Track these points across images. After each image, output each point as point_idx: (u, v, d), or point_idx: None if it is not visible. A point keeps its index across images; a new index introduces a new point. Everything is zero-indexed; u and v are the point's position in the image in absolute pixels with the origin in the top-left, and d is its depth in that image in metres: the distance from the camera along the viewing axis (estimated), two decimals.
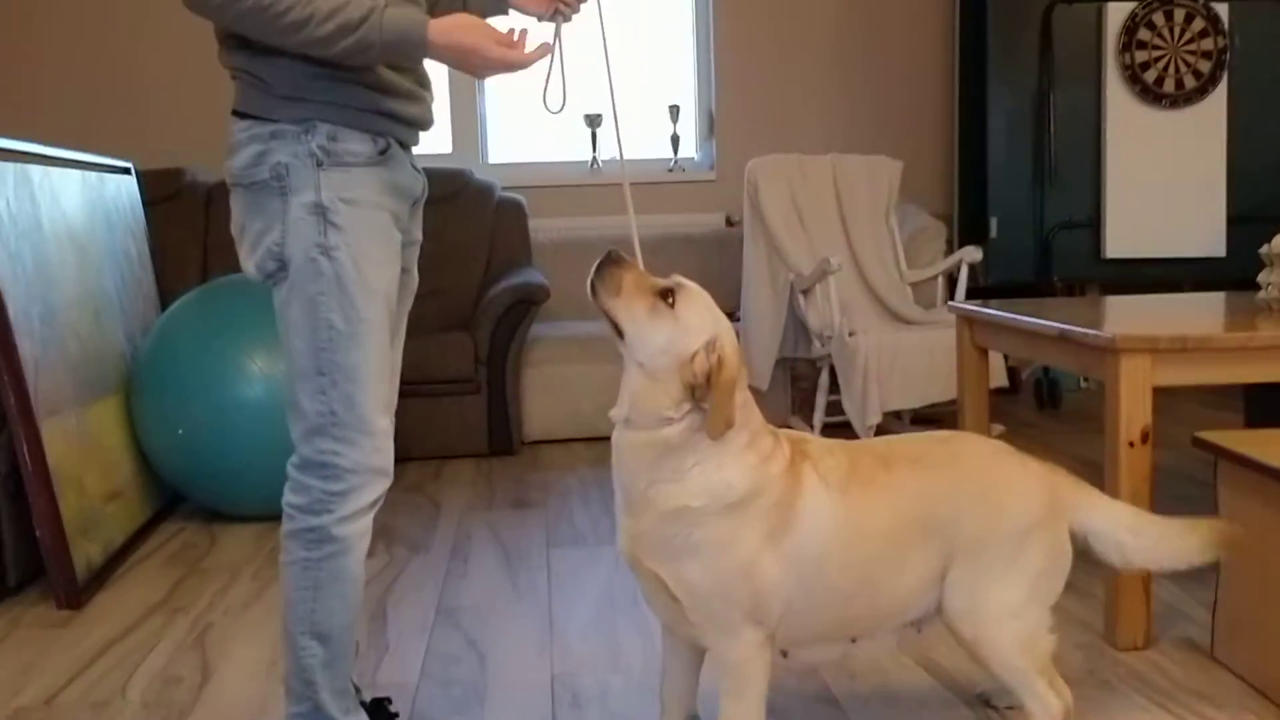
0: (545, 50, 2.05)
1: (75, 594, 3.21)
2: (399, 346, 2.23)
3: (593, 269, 1.93)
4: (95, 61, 5.71)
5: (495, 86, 6.11)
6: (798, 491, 1.92)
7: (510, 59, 1.97)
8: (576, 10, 2.28)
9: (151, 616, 3.13)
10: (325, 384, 1.97)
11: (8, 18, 5.67)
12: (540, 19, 2.27)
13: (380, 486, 2.05)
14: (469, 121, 6.10)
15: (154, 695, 2.61)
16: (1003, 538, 2.01)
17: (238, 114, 1.99)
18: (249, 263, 2.01)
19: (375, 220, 2.00)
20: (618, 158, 2.27)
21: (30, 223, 3.46)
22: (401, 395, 4.68)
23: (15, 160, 3.48)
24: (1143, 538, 2.11)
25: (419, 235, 2.22)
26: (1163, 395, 2.66)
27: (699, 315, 1.90)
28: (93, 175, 4.13)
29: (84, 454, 3.53)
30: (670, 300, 1.90)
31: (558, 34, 2.26)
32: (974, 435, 2.26)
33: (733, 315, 5.46)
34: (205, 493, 3.95)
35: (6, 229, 3.28)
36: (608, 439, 2.01)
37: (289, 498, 2.02)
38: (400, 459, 4.89)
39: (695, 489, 1.88)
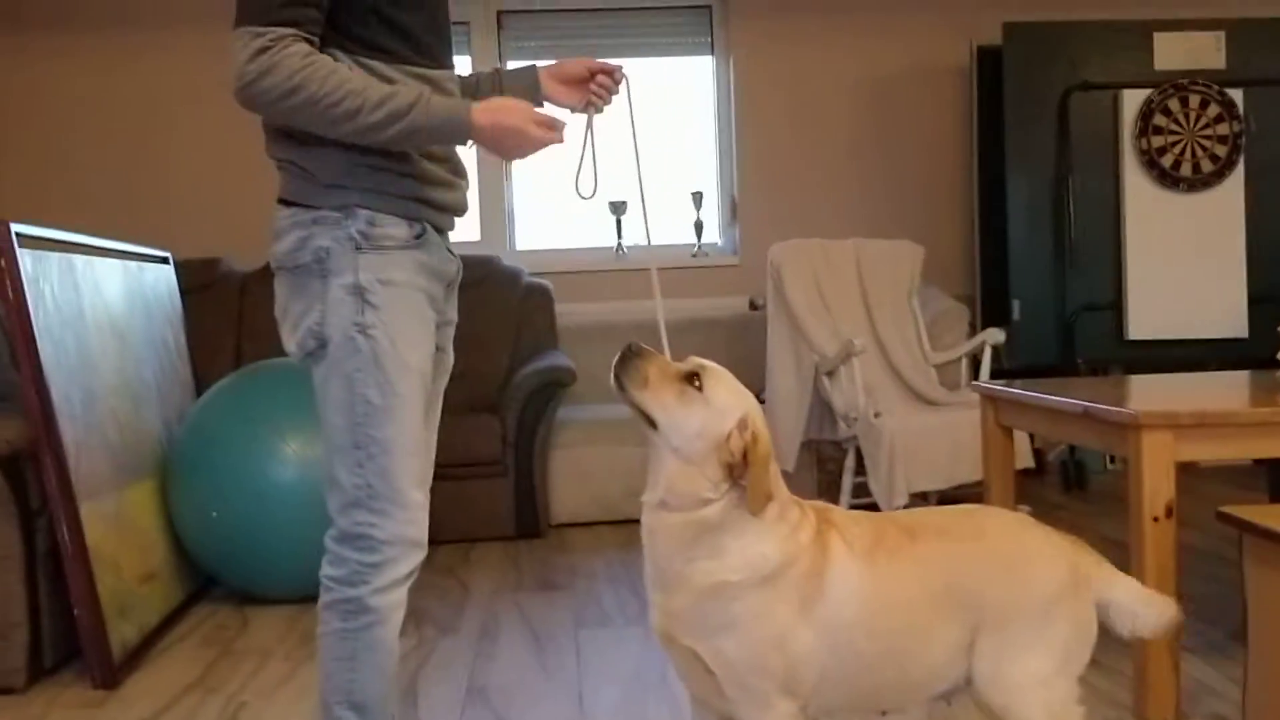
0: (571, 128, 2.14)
1: (111, 674, 3.25)
2: (434, 424, 2.29)
3: (615, 362, 1.97)
4: (136, 155, 5.88)
5: (522, 175, 6.25)
6: (826, 560, 1.95)
7: (549, 140, 2.07)
8: (608, 102, 2.39)
9: (186, 697, 3.17)
10: (362, 457, 2.04)
11: (54, 113, 5.85)
12: (574, 110, 2.38)
13: (415, 558, 2.10)
14: (497, 210, 6.23)
15: None
16: (1029, 608, 2.03)
17: (283, 201, 2.09)
18: (291, 342, 2.09)
19: (411, 300, 2.08)
20: (645, 243, 2.34)
21: (73, 310, 3.56)
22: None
23: (60, 250, 3.58)
24: (1149, 609, 2.13)
25: (454, 316, 2.29)
26: (1188, 476, 2.69)
27: (728, 395, 1.94)
28: (133, 264, 4.24)
29: (121, 536, 3.59)
30: (697, 384, 1.94)
31: (590, 124, 2.36)
32: (998, 509, 2.28)
33: (758, 397, 5.50)
34: (238, 575, 4.00)
35: (51, 316, 3.37)
36: (634, 522, 2.05)
37: (326, 570, 2.07)
38: (428, 541, 4.93)
39: (734, 563, 1.91)
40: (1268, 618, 2.41)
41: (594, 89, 2.36)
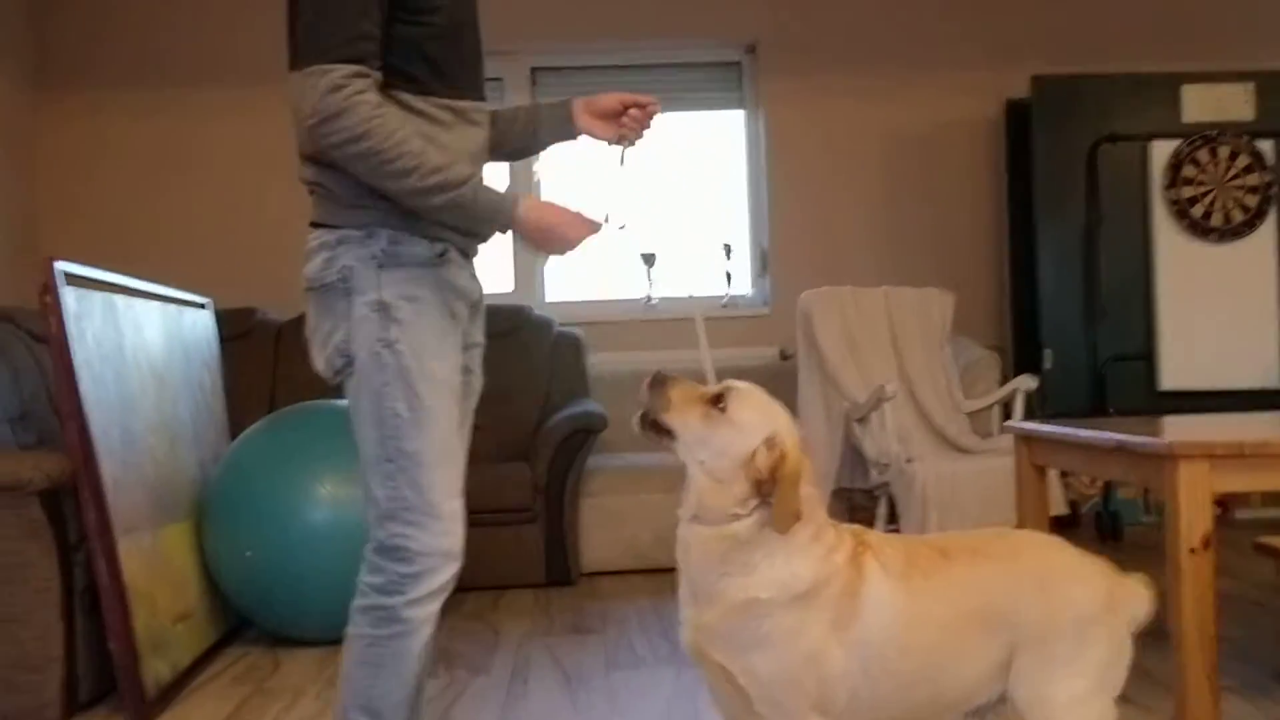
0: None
1: (144, 710, 3.26)
2: (465, 446, 2.31)
3: (643, 390, 1.98)
4: (178, 206, 6.00)
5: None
6: (861, 580, 1.95)
7: (586, 238, 2.15)
8: (640, 135, 2.43)
9: None
10: (393, 470, 2.07)
11: (103, 162, 5.99)
12: (608, 143, 2.42)
13: (450, 569, 2.12)
14: (528, 262, 6.28)
15: None
16: (1065, 627, 2.02)
17: (313, 224, 2.14)
18: (320, 361, 2.14)
19: (434, 315, 2.12)
20: (685, 294, 2.38)
21: (114, 349, 3.61)
22: None
23: (103, 290, 3.65)
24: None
25: (481, 338, 2.33)
26: (1224, 527, 2.66)
27: (753, 413, 1.95)
28: (172, 308, 4.30)
29: (156, 574, 3.61)
30: (722, 405, 1.96)
31: (623, 158, 2.40)
32: (1031, 531, 2.28)
33: None
34: (271, 616, 4.01)
35: (92, 353, 3.42)
36: (666, 570, 2.06)
37: (365, 576, 2.10)
38: (458, 588, 4.94)
39: (765, 581, 1.91)
40: None
41: (626, 122, 2.40)
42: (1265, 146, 5.63)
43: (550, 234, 2.12)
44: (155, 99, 6.02)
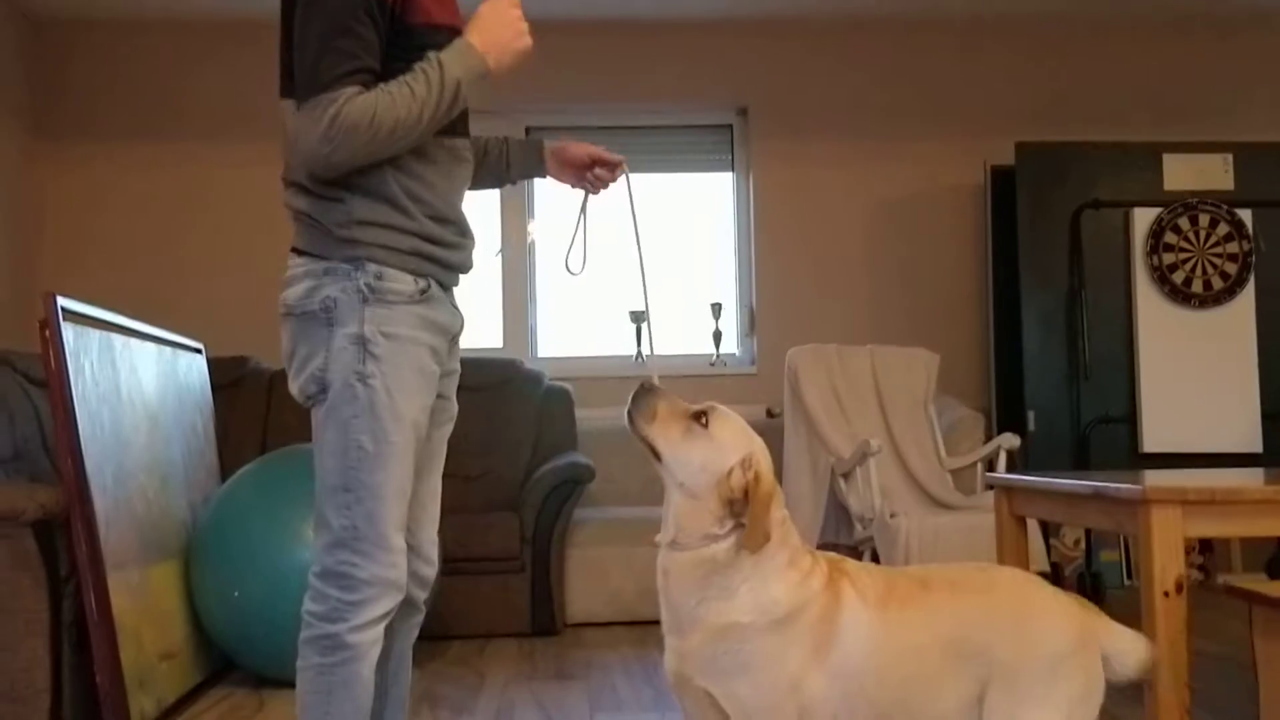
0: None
1: None
2: (438, 469, 2.38)
3: (629, 398, 2.06)
4: (173, 254, 6.10)
5: (545, 289, 6.41)
6: (838, 607, 1.99)
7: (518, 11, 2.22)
8: (605, 186, 2.54)
9: None
10: (350, 500, 2.12)
11: (104, 208, 6.10)
12: (573, 186, 2.54)
13: (393, 600, 2.16)
14: (519, 320, 6.37)
15: None
16: (1038, 663, 2.05)
17: (296, 251, 2.20)
18: (294, 385, 2.19)
19: (411, 353, 2.17)
20: (648, 329, 2.48)
21: (109, 387, 3.67)
22: (446, 573, 4.80)
23: (100, 328, 3.71)
24: (1138, 644, 2.16)
25: (457, 366, 2.39)
26: (1203, 591, 2.71)
27: (732, 434, 2.01)
28: (167, 350, 4.36)
29: (144, 611, 3.64)
30: (704, 422, 2.02)
31: (585, 205, 2.51)
32: (1007, 567, 2.33)
33: None
34: (256, 657, 4.02)
35: (89, 389, 3.48)
36: (650, 623, 2.11)
37: (308, 605, 2.14)
38: (444, 636, 4.99)
39: (744, 605, 1.96)
40: (1277, 685, 2.43)
41: (590, 177, 2.53)
42: (1245, 215, 5.75)
43: (501, 34, 2.17)
44: (155, 151, 6.14)
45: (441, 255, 2.23)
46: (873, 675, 2.00)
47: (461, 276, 2.34)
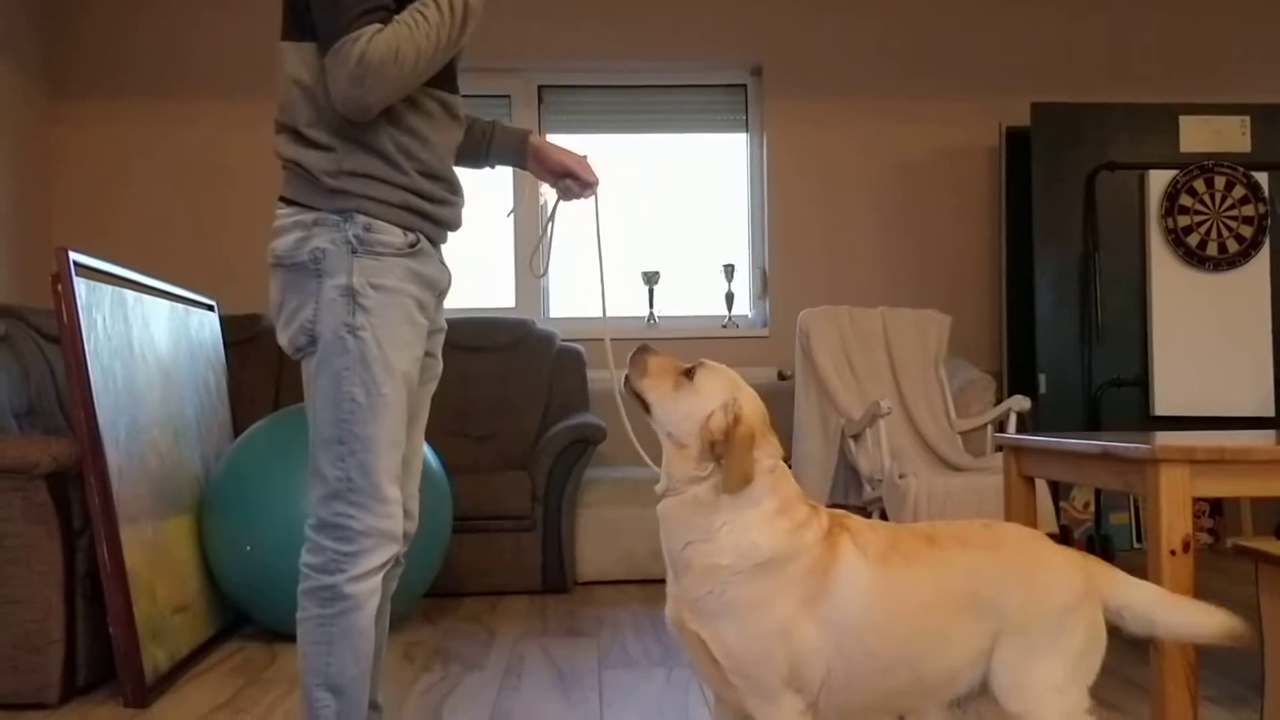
0: None
1: (142, 694, 3.31)
2: (421, 427, 2.40)
3: (628, 360, 2.10)
4: (189, 212, 6.11)
5: (559, 249, 6.39)
6: (834, 560, 2.01)
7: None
8: (576, 198, 2.57)
9: (215, 716, 3.22)
10: (344, 452, 2.14)
11: (121, 165, 6.10)
12: (549, 185, 2.58)
13: (389, 550, 2.19)
14: (531, 281, 6.36)
15: None
16: (1045, 616, 2.07)
17: (285, 200, 2.21)
18: (283, 337, 2.21)
19: (400, 305, 2.18)
20: (602, 314, 2.52)
21: (122, 342, 3.69)
22: (459, 530, 4.81)
23: (113, 283, 3.72)
24: (1174, 613, 2.18)
25: (443, 324, 2.41)
26: (1212, 554, 2.72)
27: (716, 382, 2.06)
28: (180, 307, 4.38)
29: (157, 564, 3.67)
30: (691, 375, 2.06)
31: (554, 209, 2.53)
32: (1013, 524, 2.34)
33: (785, 461, 5.56)
34: (269, 611, 4.06)
35: (102, 344, 3.50)
36: (659, 581, 2.13)
37: (305, 558, 2.18)
38: (456, 593, 5.01)
39: (725, 548, 1.99)
40: None
41: (562, 186, 2.56)
42: (1261, 178, 5.71)
43: None
44: (170, 108, 6.13)
45: (431, 211, 2.24)
46: (872, 629, 2.01)
47: (451, 235, 2.35)
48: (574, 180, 2.53)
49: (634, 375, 2.08)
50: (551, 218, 2.56)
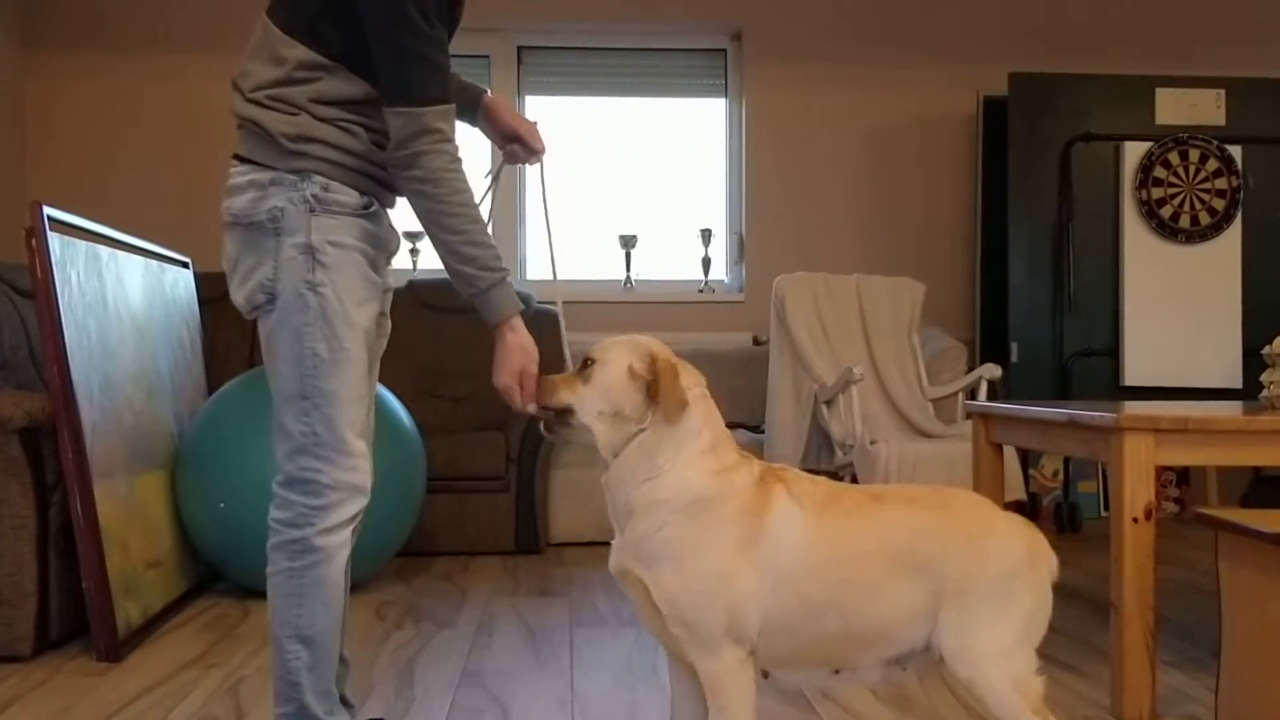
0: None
1: (115, 648, 3.33)
2: (374, 383, 2.41)
3: (535, 407, 2.17)
4: (166, 168, 6.07)
5: (536, 213, 6.39)
6: (767, 505, 2.06)
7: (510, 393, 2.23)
8: (523, 161, 2.59)
9: (187, 670, 3.25)
10: (308, 407, 2.16)
11: (91, 119, 6.06)
12: (497, 147, 2.59)
13: (357, 504, 2.23)
14: (508, 243, 6.36)
15: None
16: (990, 580, 2.10)
17: (239, 158, 2.22)
18: (239, 295, 2.22)
19: (358, 262, 2.21)
20: (552, 279, 2.55)
21: (96, 298, 3.68)
22: (433, 490, 4.82)
23: (87, 239, 3.71)
24: None
25: (391, 283, 2.43)
26: (1178, 524, 2.76)
27: (615, 349, 2.12)
28: (154, 264, 4.36)
29: (130, 520, 3.68)
30: (590, 362, 2.12)
31: (498, 171, 2.54)
32: (963, 489, 2.37)
33: (758, 428, 5.61)
34: (242, 567, 4.07)
35: (75, 300, 3.49)
36: None
37: (274, 514, 2.21)
38: (429, 553, 5.04)
39: (668, 482, 2.05)
40: (1239, 611, 2.49)
41: (509, 149, 2.58)
42: (1235, 152, 5.75)
43: (509, 357, 2.22)
44: (147, 63, 6.08)
45: (385, 178, 2.27)
46: (803, 572, 2.05)
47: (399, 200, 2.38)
48: (520, 145, 2.54)
49: (546, 397, 2.14)
50: (496, 179, 2.58)
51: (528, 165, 2.60)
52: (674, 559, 2.02)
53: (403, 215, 2.34)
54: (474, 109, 2.55)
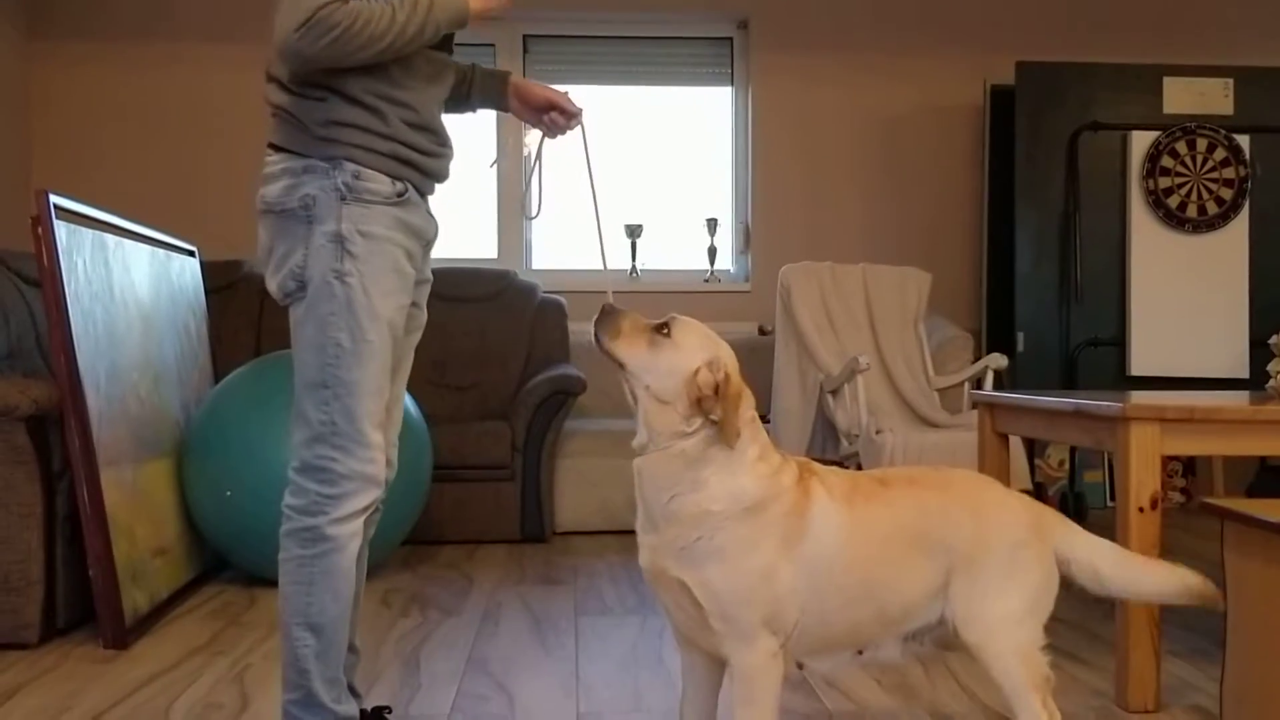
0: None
1: (122, 635, 3.34)
2: (404, 378, 2.43)
3: (594, 321, 2.11)
4: (171, 156, 6.08)
5: (546, 202, 6.37)
6: (808, 502, 2.08)
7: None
8: (562, 131, 2.56)
9: (193, 657, 3.26)
10: (328, 396, 2.16)
11: (97, 109, 6.06)
12: (532, 126, 2.58)
13: (371, 494, 2.23)
14: (514, 232, 6.35)
15: (195, 718, 2.73)
16: (996, 552, 2.14)
17: (274, 147, 2.22)
18: (272, 282, 2.23)
19: (387, 253, 2.20)
20: (603, 268, 2.52)
21: (102, 286, 3.68)
22: (439, 479, 4.83)
23: (94, 227, 3.72)
24: (1125, 569, 2.24)
25: (429, 274, 2.43)
26: (1185, 515, 2.75)
27: (696, 339, 2.08)
28: (160, 252, 4.37)
29: (137, 507, 3.69)
30: (666, 331, 2.07)
31: (540, 146, 2.52)
32: (962, 469, 2.40)
33: (764, 418, 5.60)
34: (248, 555, 4.08)
35: (82, 287, 3.49)
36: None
37: (288, 500, 2.21)
38: (435, 541, 5.05)
39: (716, 495, 2.03)
40: (1245, 601, 2.49)
41: (547, 120, 2.55)
42: (1242, 141, 5.73)
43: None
44: (152, 52, 6.08)
45: (419, 161, 2.26)
46: (841, 564, 2.09)
47: (439, 186, 2.37)
48: (558, 113, 2.53)
49: (606, 336, 2.08)
50: (539, 156, 2.55)
51: (568, 131, 2.56)
52: (724, 560, 2.03)
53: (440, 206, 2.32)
54: (503, 91, 2.55)
